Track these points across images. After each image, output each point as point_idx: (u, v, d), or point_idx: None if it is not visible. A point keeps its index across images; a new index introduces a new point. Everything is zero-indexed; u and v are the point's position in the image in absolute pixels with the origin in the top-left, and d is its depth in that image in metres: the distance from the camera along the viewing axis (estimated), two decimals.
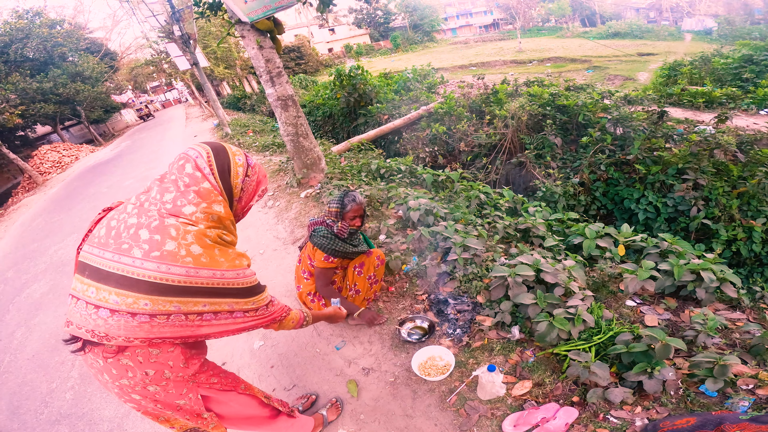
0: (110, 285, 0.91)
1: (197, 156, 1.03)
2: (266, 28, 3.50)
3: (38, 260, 5.46)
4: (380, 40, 49.08)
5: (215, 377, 1.20)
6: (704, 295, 2.02)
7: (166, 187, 1.01)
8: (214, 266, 0.97)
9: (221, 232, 1.03)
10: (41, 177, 13.71)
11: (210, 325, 1.00)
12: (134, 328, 0.91)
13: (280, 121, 4.21)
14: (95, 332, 0.93)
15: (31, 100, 14.60)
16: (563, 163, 5.89)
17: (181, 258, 0.93)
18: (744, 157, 4.62)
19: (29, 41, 14.84)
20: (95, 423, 2.29)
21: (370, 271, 2.26)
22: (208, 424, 1.18)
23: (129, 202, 1.04)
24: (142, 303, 0.90)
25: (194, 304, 0.95)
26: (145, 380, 1.01)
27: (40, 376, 2.85)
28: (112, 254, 0.94)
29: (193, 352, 1.11)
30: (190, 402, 1.10)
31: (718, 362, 1.50)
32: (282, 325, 1.25)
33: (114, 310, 0.91)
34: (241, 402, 1.28)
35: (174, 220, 0.97)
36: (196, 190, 1.00)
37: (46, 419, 2.42)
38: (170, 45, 8.92)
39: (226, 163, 1.06)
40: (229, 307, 1.01)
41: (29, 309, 4.02)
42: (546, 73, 11.01)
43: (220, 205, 1.03)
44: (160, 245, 0.92)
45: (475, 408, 1.67)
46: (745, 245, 4.31)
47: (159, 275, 0.91)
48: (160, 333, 0.94)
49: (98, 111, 21.33)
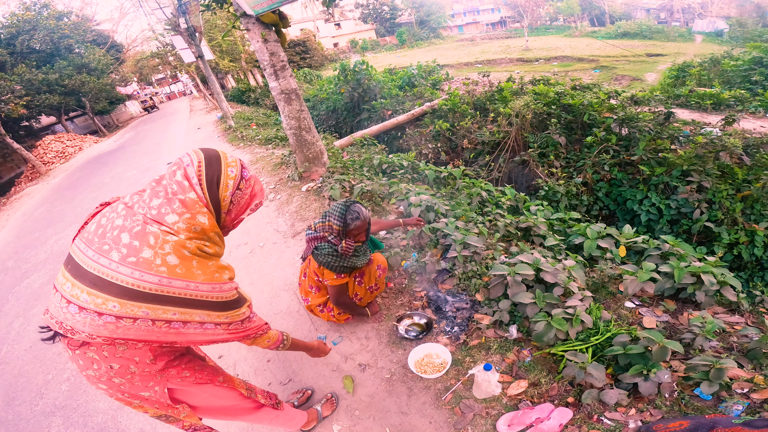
0: (84, 283, 0.92)
1: (188, 164, 1.02)
2: (271, 21, 3.48)
3: (39, 250, 5.48)
4: (386, 35, 48.77)
5: (188, 371, 1.17)
6: (704, 298, 2.01)
7: (157, 191, 1.00)
8: (189, 278, 0.96)
9: (202, 244, 1.01)
10: (44, 167, 13.78)
11: (178, 333, 0.99)
12: (99, 327, 0.92)
13: (283, 115, 4.19)
14: (63, 325, 0.94)
15: (36, 91, 14.66)
16: (566, 163, 5.84)
17: (155, 267, 0.92)
18: (750, 160, 4.56)
19: (36, 33, 14.94)
20: (89, 415, 2.30)
21: (371, 281, 2.21)
22: (179, 413, 1.18)
23: (122, 200, 1.04)
24: (111, 305, 0.90)
25: (164, 312, 0.94)
26: (109, 373, 1.02)
27: (37, 368, 2.86)
28: (93, 253, 0.94)
29: (165, 349, 1.10)
30: (155, 394, 1.10)
31: (715, 366, 1.49)
32: (257, 341, 1.24)
33: (82, 307, 0.91)
34: (217, 394, 1.26)
35: (156, 227, 0.95)
36: (182, 199, 0.98)
37: (41, 411, 2.43)
38: (176, 37, 8.89)
39: (216, 174, 1.03)
40: (200, 318, 1.00)
41: (28, 299, 4.02)
42: (553, 72, 10.92)
43: (204, 217, 1.01)
44: (138, 252, 0.92)
45: (470, 407, 1.66)
46: (746, 249, 4.27)
47: (131, 281, 0.91)
48: (125, 335, 0.94)
49: (103, 102, 21.34)
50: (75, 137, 17.86)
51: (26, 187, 11.98)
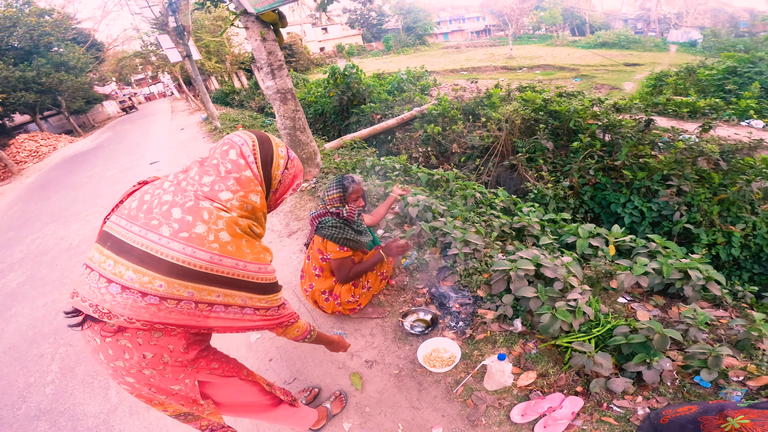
0: (130, 260, 0.88)
1: (243, 143, 1.02)
2: (271, 20, 3.48)
3: (14, 249, 5.26)
4: (372, 41, 49.19)
5: (216, 362, 1.16)
6: (691, 292, 2.11)
7: (206, 170, 0.99)
8: (239, 256, 0.94)
9: (252, 223, 1.02)
10: (17, 166, 13.30)
11: (217, 318, 0.97)
12: (140, 309, 0.88)
13: (278, 115, 4.18)
14: (99, 308, 0.89)
15: (12, 88, 14.26)
16: (554, 167, 6.02)
17: (208, 243, 0.90)
18: (726, 165, 4.82)
19: (16, 30, 14.51)
20: (79, 419, 2.19)
21: (383, 267, 2.27)
22: (203, 411, 1.15)
23: (166, 179, 1.02)
24: (157, 284, 0.87)
25: (208, 293, 0.92)
26: (141, 363, 0.97)
27: (17, 370, 2.73)
28: (140, 228, 0.91)
29: (197, 338, 1.08)
30: (185, 388, 1.06)
31: (712, 353, 1.57)
32: (287, 331, 1.23)
33: (126, 286, 0.87)
34: (241, 389, 1.24)
35: (209, 203, 0.94)
36: (237, 177, 0.99)
37: (24, 415, 2.31)
38: (162, 36, 8.70)
39: (270, 153, 1.05)
40: (242, 302, 0.99)
41: (4, 300, 3.86)
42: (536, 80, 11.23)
43: (257, 195, 1.02)
44: (191, 226, 0.90)
45: (482, 398, 1.69)
46: (724, 249, 4.49)
47: (182, 257, 0.88)
48: (165, 318, 0.91)
49: (79, 101, 20.73)
50: (49, 136, 17.31)
51: None
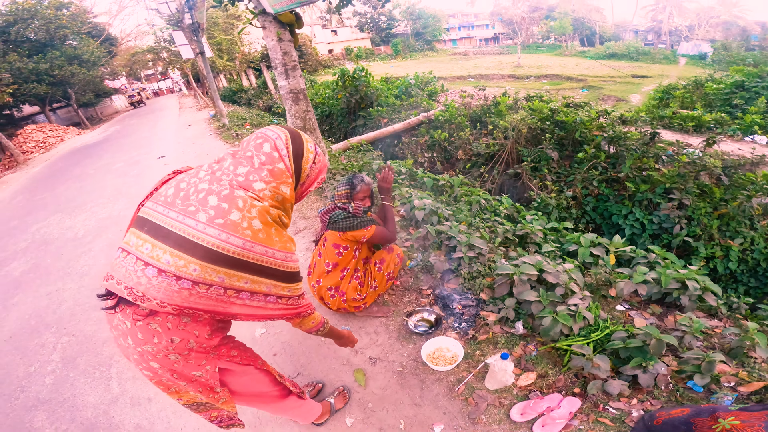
0: (167, 244, 0.93)
1: (276, 137, 1.08)
2: (288, 21, 3.57)
3: (18, 238, 5.26)
4: (381, 45, 49.45)
5: (236, 350, 1.20)
6: (688, 302, 2.18)
7: (239, 161, 1.05)
8: (268, 244, 0.99)
9: (281, 213, 1.07)
10: (23, 156, 13.45)
11: (242, 305, 1.01)
12: (173, 293, 0.92)
13: (289, 114, 4.26)
14: (133, 291, 0.93)
15: (24, 79, 14.42)
16: (557, 177, 6.08)
17: (242, 229, 0.95)
18: (728, 180, 4.88)
19: (33, 22, 14.71)
20: (78, 409, 2.19)
21: (390, 267, 2.29)
22: (218, 399, 1.18)
23: (201, 168, 1.07)
24: (192, 268, 0.91)
25: (237, 279, 0.96)
26: (168, 348, 1.01)
27: (17, 359, 2.72)
28: (177, 214, 0.96)
29: (220, 325, 1.13)
30: (206, 374, 1.10)
31: (706, 359, 1.63)
32: (304, 321, 1.25)
33: (162, 269, 0.91)
34: (256, 378, 1.28)
35: (243, 192, 1.00)
36: (270, 169, 1.05)
37: (22, 405, 2.30)
38: (177, 33, 8.85)
39: (301, 147, 1.12)
40: (267, 289, 1.03)
41: (7, 288, 3.86)
42: (544, 89, 11.30)
43: (287, 187, 1.08)
44: (226, 213, 0.95)
45: (483, 397, 1.74)
46: (722, 263, 4.55)
47: (217, 242, 0.92)
48: (195, 303, 0.95)
49: (89, 95, 20.97)
50: (57, 128, 17.52)
51: (3, 175, 11.63)
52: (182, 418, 1.99)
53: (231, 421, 1.34)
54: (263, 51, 23.27)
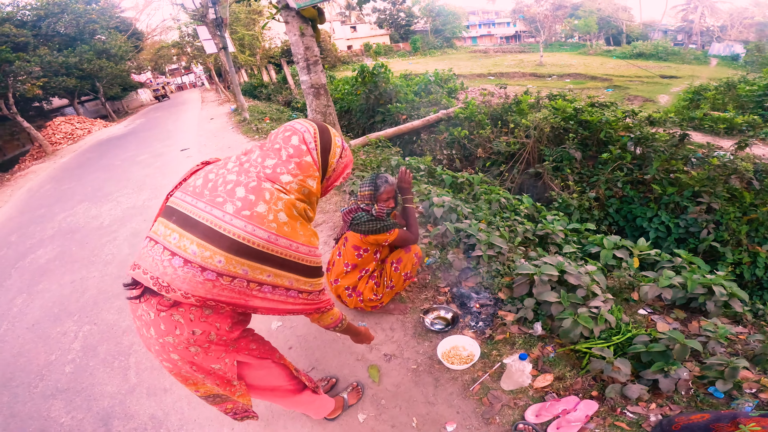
0: (194, 234, 0.93)
1: (305, 131, 1.08)
2: (310, 16, 3.60)
3: (46, 225, 5.36)
4: (400, 41, 49.24)
5: (254, 344, 1.20)
6: (713, 308, 2.12)
7: (267, 153, 1.05)
8: (293, 237, 0.99)
9: (307, 206, 1.07)
10: (51, 147, 13.93)
11: (263, 298, 1.00)
12: (197, 284, 0.92)
13: (309, 109, 4.30)
14: (159, 281, 0.93)
15: (54, 73, 14.84)
16: (580, 177, 5.95)
17: (267, 222, 0.95)
18: (759, 185, 4.69)
19: (63, 16, 15.12)
20: (95, 399, 2.20)
21: (407, 268, 2.25)
22: (235, 392, 1.17)
23: (229, 160, 1.08)
24: (217, 259, 0.91)
25: (261, 272, 0.96)
26: (190, 339, 1.00)
27: (39, 347, 2.73)
28: (205, 204, 0.96)
29: (240, 318, 1.12)
30: (225, 367, 1.09)
31: (729, 365, 1.59)
32: (322, 317, 1.23)
33: (188, 260, 0.91)
34: (272, 372, 1.28)
35: (270, 185, 1.00)
36: (298, 162, 1.04)
37: (40, 393, 2.32)
38: (201, 28, 9.04)
39: (329, 141, 1.11)
40: (289, 283, 1.02)
41: (32, 275, 3.89)
42: (567, 88, 11.05)
43: (314, 180, 1.08)
44: (253, 205, 0.95)
45: (498, 397, 1.73)
46: (748, 269, 4.40)
47: (244, 234, 0.92)
48: (218, 295, 0.94)
49: (116, 88, 21.65)
50: (85, 120, 18.11)
51: (31, 165, 12.06)
52: (196, 409, 2.01)
53: (246, 414, 1.34)
54: (284, 46, 23.54)
